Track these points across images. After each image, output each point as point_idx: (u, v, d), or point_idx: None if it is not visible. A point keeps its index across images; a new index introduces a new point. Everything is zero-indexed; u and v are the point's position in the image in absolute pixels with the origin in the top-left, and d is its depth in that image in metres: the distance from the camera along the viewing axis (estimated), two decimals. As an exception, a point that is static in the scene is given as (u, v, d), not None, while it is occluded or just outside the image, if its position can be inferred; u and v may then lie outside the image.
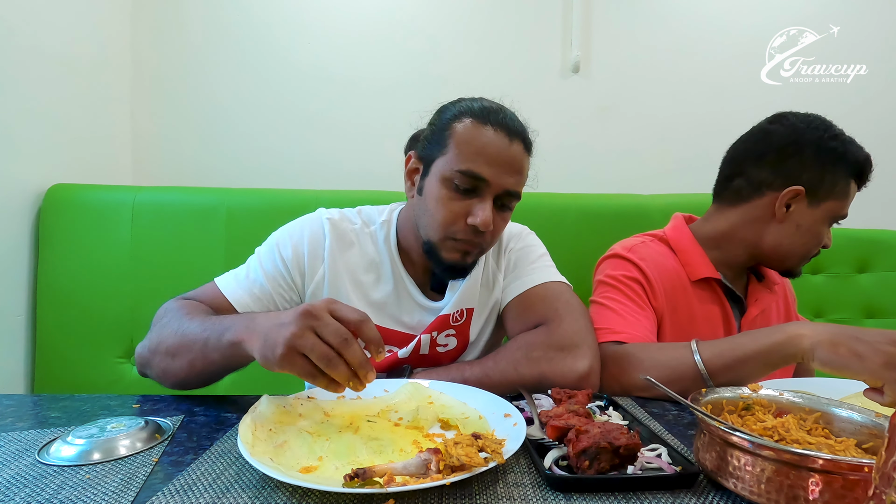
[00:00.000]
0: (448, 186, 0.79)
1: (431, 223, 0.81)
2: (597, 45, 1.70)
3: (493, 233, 0.82)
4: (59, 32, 1.37)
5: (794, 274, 0.98)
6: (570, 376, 0.74)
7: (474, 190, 0.78)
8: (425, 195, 0.82)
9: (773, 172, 0.93)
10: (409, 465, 0.46)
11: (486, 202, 0.78)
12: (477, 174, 0.77)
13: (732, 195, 0.98)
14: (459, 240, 0.80)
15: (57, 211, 1.30)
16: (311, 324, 0.54)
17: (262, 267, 0.85)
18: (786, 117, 0.95)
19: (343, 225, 0.89)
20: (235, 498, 0.45)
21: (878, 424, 0.50)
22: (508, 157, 0.79)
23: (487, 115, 0.80)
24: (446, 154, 0.80)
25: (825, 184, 0.91)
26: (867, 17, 1.69)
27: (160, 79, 1.65)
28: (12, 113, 1.24)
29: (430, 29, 1.68)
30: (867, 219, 1.68)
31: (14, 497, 0.45)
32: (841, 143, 0.91)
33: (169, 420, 0.63)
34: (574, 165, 1.72)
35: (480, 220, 0.77)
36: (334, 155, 1.68)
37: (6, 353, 1.26)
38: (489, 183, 0.78)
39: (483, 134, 0.78)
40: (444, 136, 0.81)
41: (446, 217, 0.79)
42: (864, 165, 0.92)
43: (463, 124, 0.80)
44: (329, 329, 0.55)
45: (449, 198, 0.79)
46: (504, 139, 0.79)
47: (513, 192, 0.80)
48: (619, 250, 1.00)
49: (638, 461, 0.50)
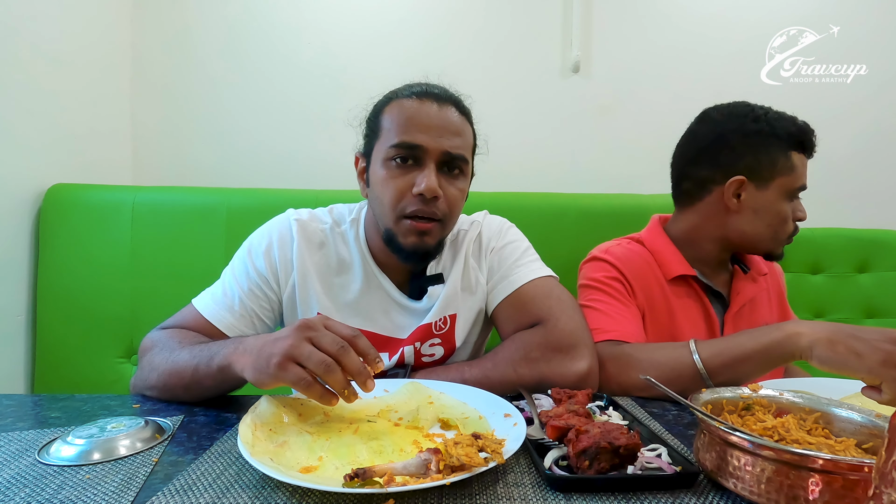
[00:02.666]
0: (388, 166, 0.79)
1: (382, 208, 0.80)
2: (597, 45, 1.70)
3: (447, 202, 0.79)
4: (59, 32, 1.37)
5: (776, 256, 0.98)
6: (570, 377, 0.74)
7: (415, 161, 0.78)
8: (372, 184, 0.82)
9: (710, 169, 0.96)
10: (409, 465, 0.46)
11: (428, 167, 0.77)
12: (410, 143, 0.77)
13: (685, 197, 1.02)
14: (411, 215, 0.78)
15: (57, 211, 1.30)
16: (307, 335, 0.55)
17: (237, 282, 0.83)
18: (708, 114, 1.00)
19: (312, 225, 0.87)
20: (235, 498, 0.45)
21: (878, 424, 0.50)
22: (441, 121, 0.78)
23: (411, 89, 0.81)
24: (381, 137, 0.81)
25: (763, 164, 0.92)
26: (867, 17, 1.69)
27: (160, 78, 1.65)
28: (12, 112, 1.24)
29: (430, 29, 1.67)
30: (867, 219, 1.68)
31: (14, 497, 0.45)
32: (766, 122, 0.92)
33: (169, 420, 0.63)
34: (574, 165, 1.72)
35: (425, 185, 0.75)
36: (334, 155, 1.67)
37: (6, 353, 1.26)
38: (426, 149, 0.77)
39: (410, 106, 0.79)
40: (377, 123, 0.82)
41: (393, 194, 0.78)
42: (799, 135, 0.92)
43: (389, 106, 0.81)
44: (327, 338, 0.55)
45: (391, 176, 0.78)
46: (432, 105, 0.79)
47: (455, 154, 0.79)
48: (597, 253, 1.02)
49: (638, 461, 0.50)
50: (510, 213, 1.01)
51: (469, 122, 0.84)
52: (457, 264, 0.89)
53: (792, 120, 0.93)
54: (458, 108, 0.82)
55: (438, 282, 0.88)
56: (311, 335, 0.55)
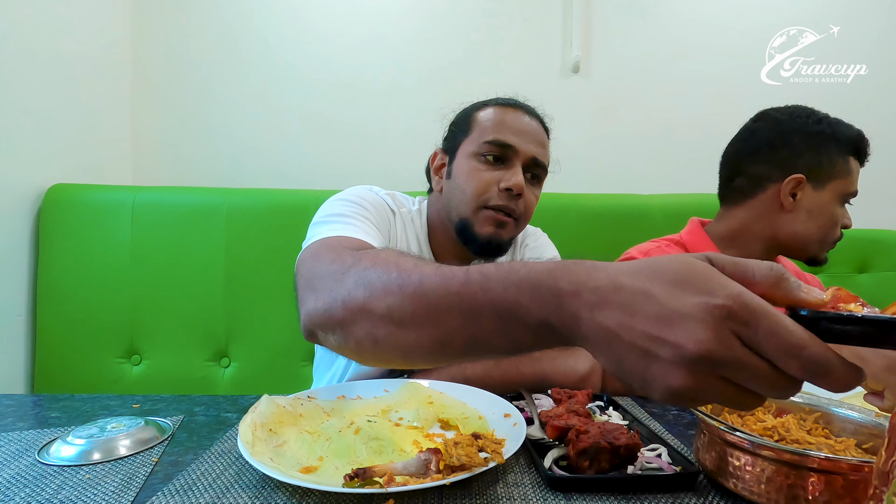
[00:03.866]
0: (478, 160, 0.84)
1: (463, 198, 0.84)
2: (597, 45, 1.70)
3: (526, 203, 0.85)
4: (59, 32, 1.36)
5: (819, 261, 0.98)
6: (572, 377, 0.74)
7: (503, 159, 0.83)
8: (454, 176, 0.86)
9: (769, 166, 0.95)
10: (409, 465, 0.46)
11: (516, 167, 0.83)
12: (504, 142, 0.82)
13: (737, 194, 1.00)
14: (493, 207, 0.82)
15: (57, 211, 1.30)
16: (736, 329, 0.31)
17: (356, 210, 0.74)
18: (768, 113, 1.00)
19: (396, 199, 0.91)
20: (235, 498, 0.45)
21: (878, 424, 0.50)
22: (531, 129, 0.85)
23: (506, 101, 0.89)
24: (471, 135, 0.86)
25: (823, 165, 0.93)
26: (867, 17, 1.69)
27: (160, 79, 1.65)
28: (12, 113, 1.24)
29: (430, 29, 1.67)
30: (867, 219, 1.68)
31: (14, 497, 0.45)
32: (827, 124, 0.94)
33: (169, 420, 0.63)
34: (574, 165, 1.71)
35: (514, 181, 0.81)
36: (334, 155, 1.68)
37: (6, 353, 1.26)
38: (517, 150, 0.83)
39: (504, 112, 0.86)
40: (468, 123, 0.87)
41: (479, 186, 0.82)
42: (858, 141, 0.94)
43: (484, 109, 0.88)
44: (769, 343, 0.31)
45: (479, 169, 0.83)
46: (523, 115, 0.86)
47: (540, 161, 0.85)
48: (633, 253, 1.01)
49: (638, 461, 0.50)
50: (510, 213, 1.02)
51: (548, 137, 0.91)
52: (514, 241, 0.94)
53: (850, 126, 0.94)
54: (543, 125, 0.89)
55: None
56: (744, 333, 0.30)
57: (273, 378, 1.26)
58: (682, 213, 1.15)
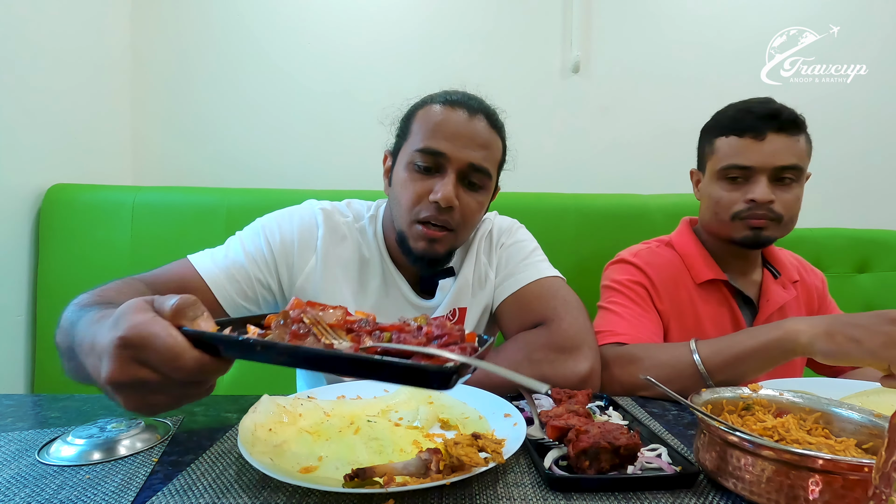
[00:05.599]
0: (411, 169, 0.79)
1: (399, 210, 0.80)
2: (597, 45, 1.70)
3: (462, 213, 0.79)
4: (59, 32, 1.37)
5: (737, 241, 0.94)
6: (572, 378, 0.74)
7: (437, 168, 0.78)
8: (393, 184, 0.83)
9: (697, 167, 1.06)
10: (409, 465, 0.46)
11: (447, 177, 0.77)
12: (434, 149, 0.77)
13: None
14: (424, 221, 0.78)
15: (57, 211, 1.30)
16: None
17: (243, 248, 0.81)
18: None
19: (336, 217, 0.87)
20: (235, 498, 0.45)
21: (878, 424, 0.50)
22: (469, 132, 0.78)
23: (447, 97, 0.81)
24: (409, 139, 0.81)
25: (704, 154, 1.00)
26: (867, 17, 1.69)
27: (160, 79, 1.65)
28: (12, 113, 1.24)
29: (430, 30, 1.68)
30: (867, 219, 1.68)
31: (14, 497, 0.45)
32: (716, 115, 0.99)
33: (169, 420, 0.63)
34: (574, 166, 1.72)
35: (441, 194, 0.75)
36: (334, 155, 1.68)
37: (6, 353, 1.26)
38: (449, 158, 0.77)
39: (441, 112, 0.79)
40: (407, 125, 0.83)
41: (410, 198, 0.78)
42: (721, 119, 0.96)
43: (422, 110, 0.82)
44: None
45: (412, 179, 0.79)
46: (463, 115, 0.79)
47: (479, 166, 0.79)
48: (625, 255, 1.02)
49: (638, 461, 0.50)
50: (510, 214, 1.01)
51: (499, 137, 0.84)
52: (468, 259, 0.90)
53: (732, 107, 0.96)
54: (490, 121, 0.81)
55: (449, 275, 0.88)
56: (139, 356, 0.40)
57: (273, 378, 1.26)
58: (681, 214, 1.15)
